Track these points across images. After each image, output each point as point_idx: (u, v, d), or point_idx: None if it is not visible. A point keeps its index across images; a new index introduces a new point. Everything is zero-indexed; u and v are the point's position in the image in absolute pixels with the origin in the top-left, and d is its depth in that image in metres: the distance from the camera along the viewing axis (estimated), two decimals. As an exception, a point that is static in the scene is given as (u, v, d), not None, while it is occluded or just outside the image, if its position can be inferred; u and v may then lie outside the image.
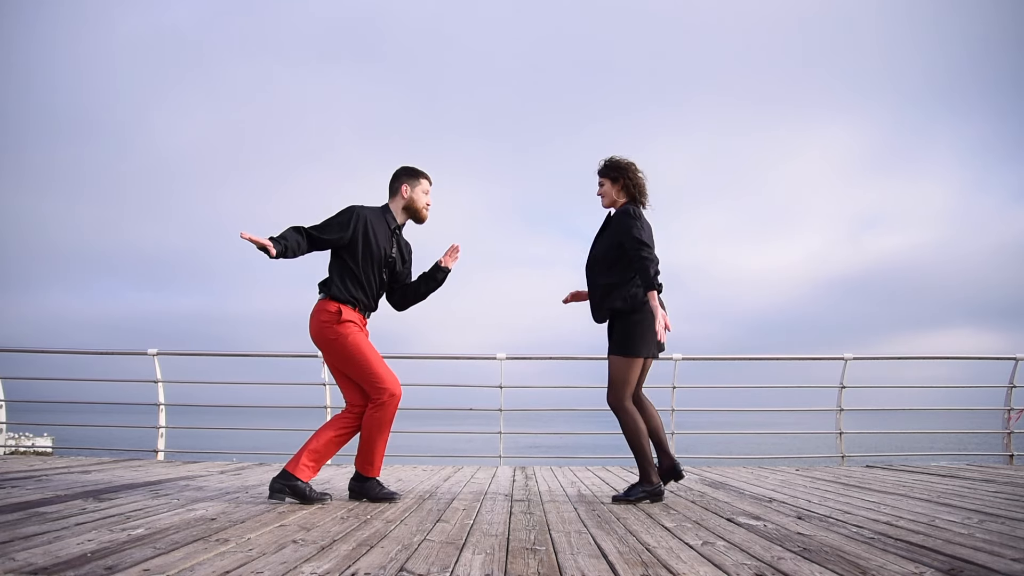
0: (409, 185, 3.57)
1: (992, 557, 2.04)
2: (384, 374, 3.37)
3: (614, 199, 3.60)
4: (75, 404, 6.76)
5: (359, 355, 3.34)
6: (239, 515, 2.81)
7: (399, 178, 3.60)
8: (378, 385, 3.34)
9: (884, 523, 2.70)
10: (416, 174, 3.59)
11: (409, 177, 3.58)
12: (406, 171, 3.60)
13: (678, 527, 2.64)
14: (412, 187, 3.57)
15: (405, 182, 3.57)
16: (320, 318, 3.38)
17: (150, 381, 6.25)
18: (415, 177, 3.58)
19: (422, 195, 3.58)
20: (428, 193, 3.61)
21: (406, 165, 3.63)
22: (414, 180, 3.58)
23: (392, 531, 2.50)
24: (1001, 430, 6.37)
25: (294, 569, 1.84)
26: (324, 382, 6.16)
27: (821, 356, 6.65)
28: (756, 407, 6.89)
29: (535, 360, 6.52)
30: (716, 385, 6.65)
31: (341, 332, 3.34)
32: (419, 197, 3.58)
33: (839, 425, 6.30)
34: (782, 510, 3.11)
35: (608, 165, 3.61)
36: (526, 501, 3.44)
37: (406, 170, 3.60)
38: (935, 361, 7.14)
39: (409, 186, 3.57)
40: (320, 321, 3.38)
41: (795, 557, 2.05)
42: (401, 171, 3.61)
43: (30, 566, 1.82)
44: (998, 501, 3.42)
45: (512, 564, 1.96)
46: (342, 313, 3.36)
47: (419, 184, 3.58)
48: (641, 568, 1.92)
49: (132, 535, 2.29)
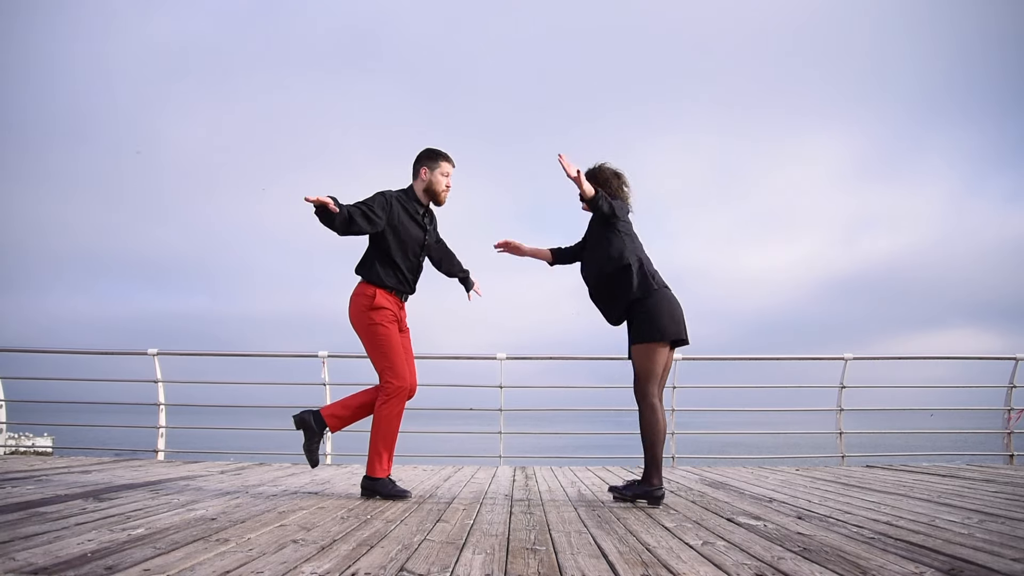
0: (428, 168, 3.62)
1: (992, 557, 2.04)
2: (401, 368, 3.50)
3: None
4: (75, 404, 6.75)
5: (385, 345, 3.49)
6: (239, 515, 2.81)
7: (420, 160, 3.65)
8: (389, 375, 3.48)
9: (884, 523, 2.70)
10: (436, 156, 3.64)
11: (429, 160, 3.63)
12: (427, 153, 3.65)
13: (678, 527, 2.64)
14: (432, 169, 3.62)
15: (425, 164, 3.63)
16: (359, 302, 3.53)
17: (150, 381, 6.25)
18: (435, 159, 3.63)
19: (441, 178, 3.63)
20: (448, 176, 3.66)
21: (428, 147, 3.68)
22: (433, 163, 3.63)
23: (392, 531, 2.50)
24: (1001, 430, 6.37)
25: (294, 569, 1.84)
26: (324, 382, 6.16)
27: (821, 356, 6.65)
28: (756, 407, 6.89)
29: (535, 360, 6.52)
30: (716, 385, 6.65)
31: (376, 320, 3.49)
32: (438, 180, 3.62)
33: (839, 425, 6.30)
34: (782, 510, 3.11)
35: (591, 172, 3.64)
36: (526, 501, 3.44)
37: (427, 152, 3.65)
38: (935, 361, 7.14)
39: (428, 168, 3.62)
40: (359, 305, 3.53)
41: (795, 557, 2.05)
42: (423, 153, 3.66)
43: (30, 566, 1.82)
44: (998, 501, 3.42)
45: (512, 564, 1.96)
46: (376, 297, 3.50)
47: (438, 167, 3.63)
48: (641, 568, 1.92)
49: (132, 535, 2.29)
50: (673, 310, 3.42)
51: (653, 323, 3.37)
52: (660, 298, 3.40)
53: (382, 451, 3.51)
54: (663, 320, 3.37)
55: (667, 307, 3.40)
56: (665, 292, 3.45)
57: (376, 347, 3.50)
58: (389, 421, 3.49)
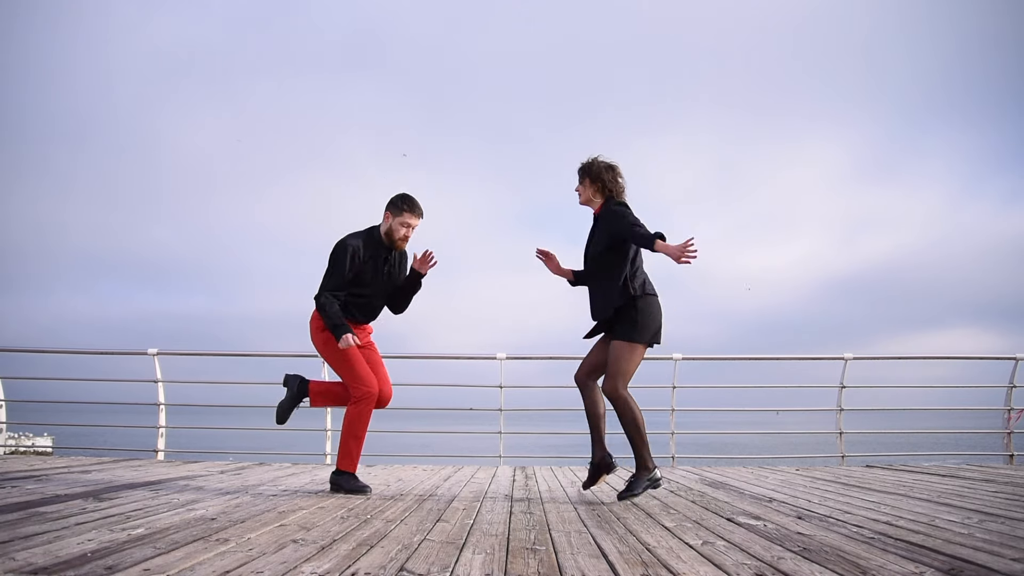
0: (392, 214, 3.78)
1: (992, 557, 2.04)
2: (364, 375, 3.70)
3: (590, 197, 3.68)
4: (75, 404, 6.75)
5: (342, 359, 3.70)
6: (239, 515, 2.81)
7: (390, 205, 3.81)
8: (356, 383, 3.69)
9: (884, 523, 2.70)
10: (401, 208, 3.78)
11: (395, 207, 3.79)
12: (394, 201, 3.80)
13: (678, 527, 2.64)
14: (394, 216, 3.78)
15: (390, 210, 3.80)
16: (313, 324, 3.81)
17: (150, 381, 6.25)
18: (399, 209, 3.78)
19: (399, 227, 3.78)
20: (408, 227, 3.79)
21: (401, 194, 3.81)
22: (398, 211, 3.78)
23: (392, 531, 2.50)
24: (1001, 430, 6.37)
25: (294, 569, 1.84)
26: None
27: (821, 356, 6.65)
28: (756, 407, 6.89)
29: (535, 360, 6.52)
30: (716, 385, 6.65)
31: (326, 338, 3.71)
32: (396, 229, 3.78)
33: (839, 425, 6.30)
34: (782, 510, 3.11)
35: (584, 166, 3.69)
36: (526, 501, 3.44)
37: (395, 200, 3.80)
38: (935, 361, 7.14)
39: (392, 215, 3.78)
40: (313, 327, 3.81)
41: (795, 557, 2.05)
42: (394, 199, 3.81)
43: (30, 566, 1.82)
44: (998, 501, 3.42)
45: (512, 564, 1.96)
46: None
47: (401, 216, 3.77)
48: (641, 568, 1.92)
49: (132, 535, 2.29)
50: (658, 316, 3.57)
51: (642, 326, 3.49)
52: (650, 303, 3.53)
53: (351, 448, 3.72)
54: (650, 324, 3.51)
55: (656, 312, 3.54)
56: (653, 300, 3.57)
57: (335, 362, 3.76)
58: (355, 422, 3.71)
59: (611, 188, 3.62)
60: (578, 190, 3.71)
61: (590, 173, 3.65)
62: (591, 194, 3.66)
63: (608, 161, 3.67)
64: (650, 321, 3.51)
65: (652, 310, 3.52)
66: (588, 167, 3.67)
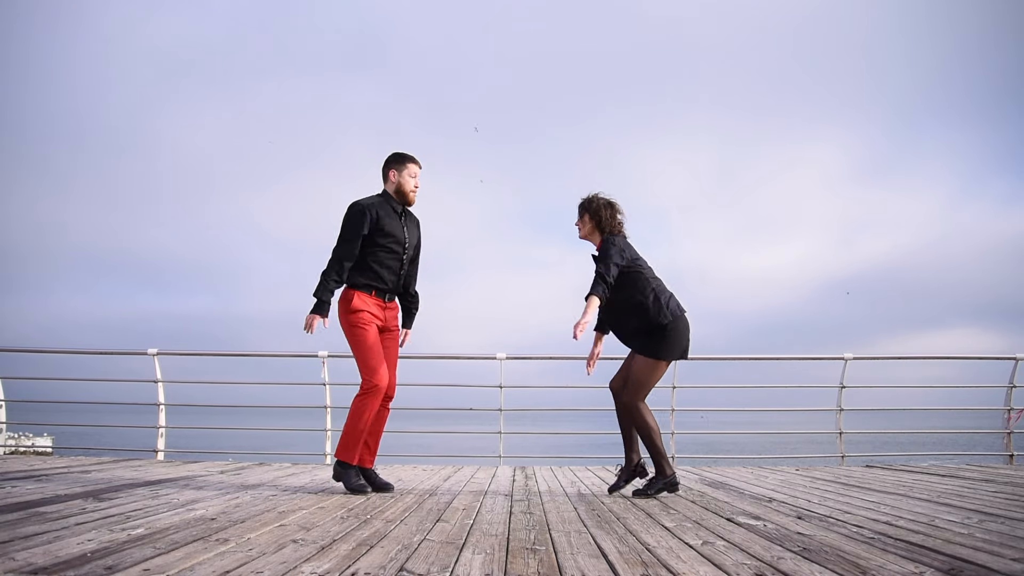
0: (396, 170, 3.81)
1: (992, 557, 2.04)
2: (377, 367, 3.66)
3: (589, 233, 3.81)
4: (75, 404, 6.76)
5: (361, 345, 3.67)
6: (239, 515, 2.81)
7: (388, 164, 3.84)
8: (365, 373, 3.67)
9: (884, 523, 2.70)
10: (402, 159, 3.82)
11: (396, 163, 3.82)
12: (394, 157, 3.83)
13: (678, 527, 2.64)
14: (399, 171, 3.80)
15: (393, 168, 3.82)
16: (341, 306, 3.76)
17: (150, 381, 6.25)
18: (402, 162, 3.81)
19: (409, 178, 3.81)
20: (416, 176, 3.83)
21: (395, 151, 3.84)
22: (401, 165, 3.81)
23: (392, 531, 2.50)
24: (1001, 430, 6.37)
25: (294, 569, 1.84)
26: (324, 382, 6.16)
27: (821, 356, 6.65)
28: (756, 407, 6.89)
29: (535, 360, 6.52)
30: (716, 385, 6.65)
31: (353, 322, 3.68)
32: (406, 180, 3.80)
33: (839, 425, 6.30)
34: (782, 510, 3.11)
35: (584, 203, 3.82)
36: (526, 501, 3.44)
37: (394, 156, 3.83)
38: (935, 361, 7.13)
39: (396, 171, 3.81)
40: (340, 308, 3.76)
41: (795, 557, 2.05)
42: (390, 157, 3.84)
43: (30, 566, 1.82)
44: (998, 501, 3.42)
45: (512, 564, 1.96)
46: (353, 300, 3.69)
47: (406, 168, 3.80)
48: (641, 568, 1.92)
49: (132, 535, 2.29)
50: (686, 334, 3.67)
51: (665, 343, 3.60)
52: (679, 322, 3.63)
53: (349, 438, 3.69)
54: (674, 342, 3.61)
55: (684, 330, 3.65)
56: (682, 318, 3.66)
57: (353, 347, 3.72)
58: (360, 412, 3.67)
59: (609, 225, 3.74)
60: (578, 225, 3.85)
61: (590, 210, 3.78)
62: (591, 229, 3.79)
63: (608, 198, 3.79)
64: (677, 342, 3.63)
65: (680, 328, 3.63)
66: (588, 204, 3.80)
